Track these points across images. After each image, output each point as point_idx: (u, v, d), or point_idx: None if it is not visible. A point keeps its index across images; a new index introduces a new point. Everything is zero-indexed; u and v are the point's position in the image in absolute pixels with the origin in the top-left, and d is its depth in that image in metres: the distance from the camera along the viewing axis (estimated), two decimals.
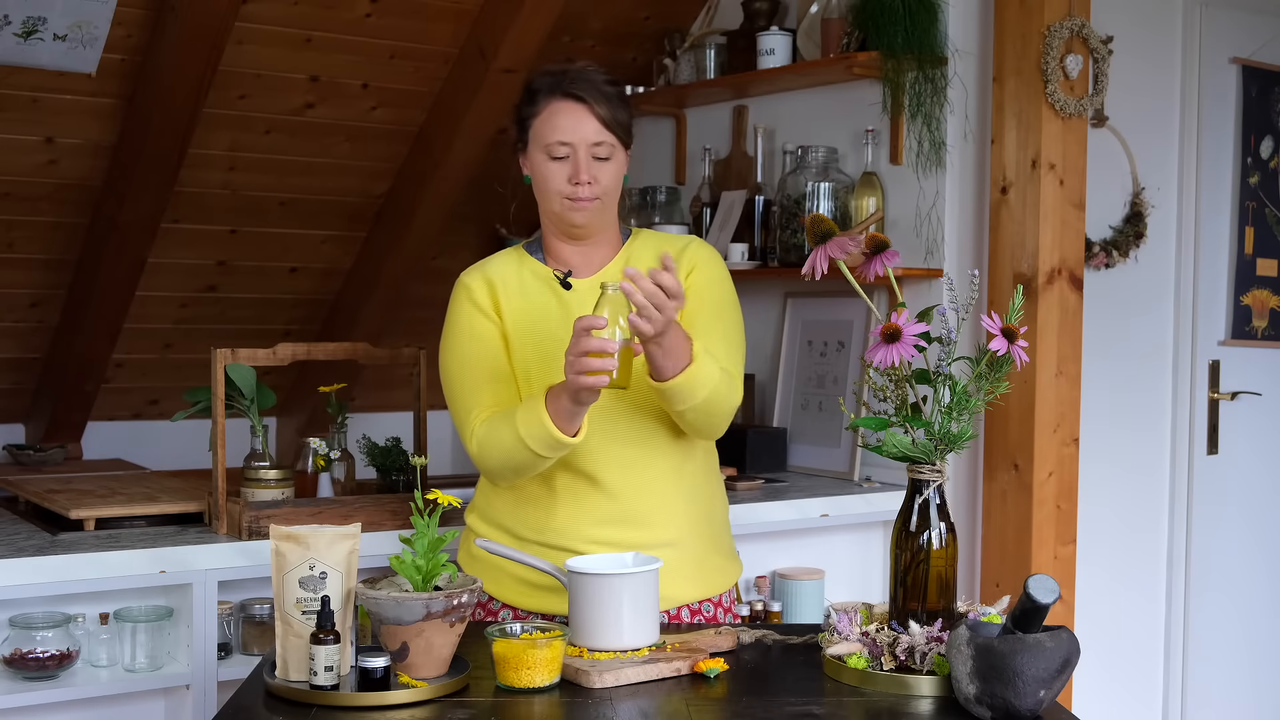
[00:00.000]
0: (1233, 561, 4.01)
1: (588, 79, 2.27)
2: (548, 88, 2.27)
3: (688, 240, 2.39)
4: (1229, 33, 3.90)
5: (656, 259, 2.31)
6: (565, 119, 2.25)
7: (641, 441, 2.28)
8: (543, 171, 2.27)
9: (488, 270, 2.36)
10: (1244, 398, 4.00)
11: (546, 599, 2.28)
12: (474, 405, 2.29)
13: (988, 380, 1.97)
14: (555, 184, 2.26)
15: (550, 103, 2.26)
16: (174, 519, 2.93)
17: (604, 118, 2.25)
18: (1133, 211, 3.74)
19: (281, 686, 1.86)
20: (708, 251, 2.38)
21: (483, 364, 2.30)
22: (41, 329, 4.31)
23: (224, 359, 2.79)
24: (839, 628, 1.99)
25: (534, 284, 2.34)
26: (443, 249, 4.52)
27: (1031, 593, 1.73)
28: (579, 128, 2.24)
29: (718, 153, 4.10)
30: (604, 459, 2.27)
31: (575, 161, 2.25)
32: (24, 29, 3.45)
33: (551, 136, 2.25)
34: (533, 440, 2.16)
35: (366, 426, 3.46)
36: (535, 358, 2.29)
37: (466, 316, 2.32)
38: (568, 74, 2.27)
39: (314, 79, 3.96)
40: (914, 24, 3.42)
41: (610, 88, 2.28)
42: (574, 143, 2.24)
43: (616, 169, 2.29)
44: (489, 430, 2.24)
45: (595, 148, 2.25)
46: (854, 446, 3.60)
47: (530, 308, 2.32)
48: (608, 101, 2.26)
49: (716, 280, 2.35)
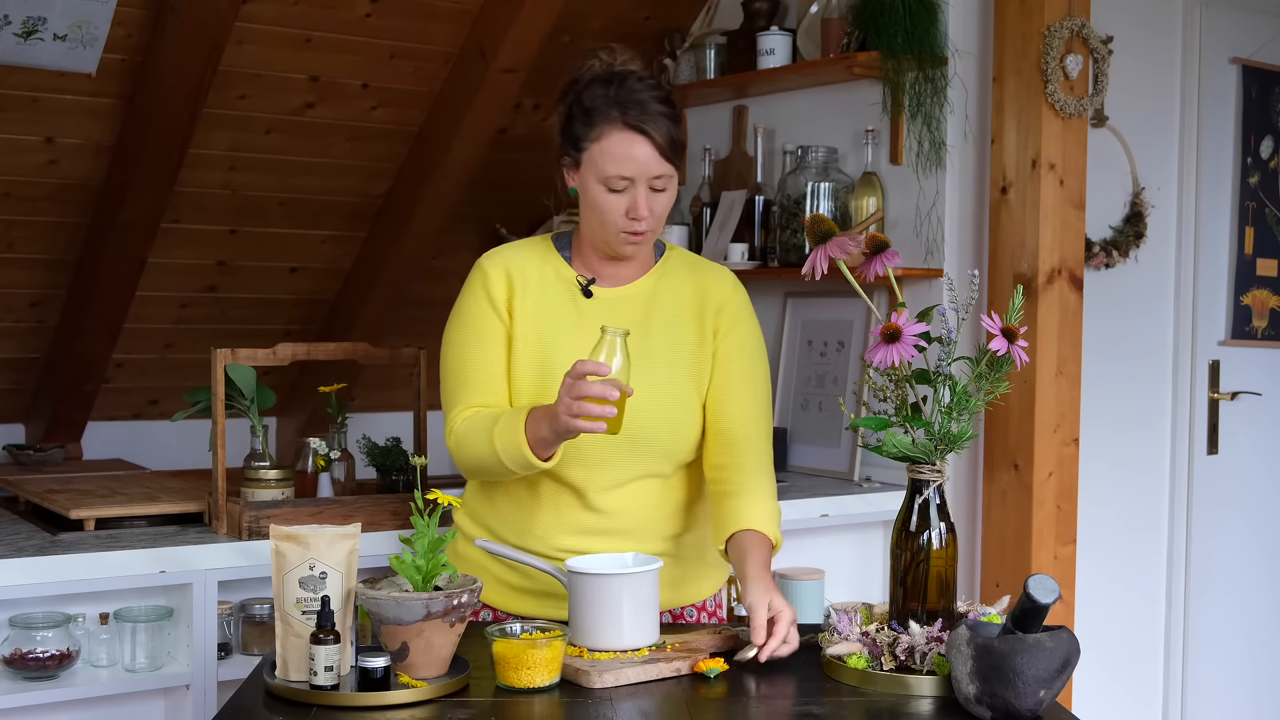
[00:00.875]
0: (1233, 562, 4.01)
1: (645, 105, 2.17)
2: (605, 109, 2.17)
3: (721, 276, 2.34)
4: (1229, 33, 3.90)
5: (691, 284, 2.31)
6: (627, 151, 2.16)
7: (633, 460, 2.23)
8: (598, 201, 2.20)
9: (510, 260, 2.29)
10: (1244, 398, 4.00)
11: (530, 603, 2.27)
12: (460, 400, 2.25)
13: (988, 380, 1.97)
14: (613, 216, 2.19)
15: (611, 131, 2.17)
16: (174, 519, 2.93)
17: (663, 147, 2.17)
18: (1133, 211, 3.74)
19: (281, 686, 1.86)
20: (743, 297, 2.35)
21: (480, 362, 2.25)
22: (41, 329, 4.30)
23: (224, 359, 2.79)
24: (839, 628, 1.99)
25: (554, 284, 2.28)
26: (443, 249, 4.52)
27: (1031, 593, 1.73)
28: (641, 161, 2.17)
29: (718, 153, 4.10)
30: (586, 471, 2.22)
31: (635, 196, 2.18)
32: (24, 29, 3.45)
33: (612, 170, 2.17)
34: (506, 456, 2.14)
35: (366, 426, 3.46)
36: (536, 363, 2.24)
37: (477, 307, 2.27)
38: (626, 96, 2.17)
39: (314, 79, 3.96)
40: (914, 24, 3.42)
41: (664, 107, 2.19)
42: (635, 177, 2.17)
43: (671, 195, 2.23)
44: (467, 430, 2.21)
45: (655, 180, 2.19)
46: (854, 446, 3.60)
47: (545, 309, 2.26)
48: (666, 126, 2.18)
49: (753, 336, 2.35)
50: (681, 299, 2.30)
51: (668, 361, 2.26)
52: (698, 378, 2.28)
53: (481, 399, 2.24)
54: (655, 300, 2.29)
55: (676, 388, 2.25)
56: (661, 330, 2.27)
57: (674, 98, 2.27)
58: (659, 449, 2.24)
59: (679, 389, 2.25)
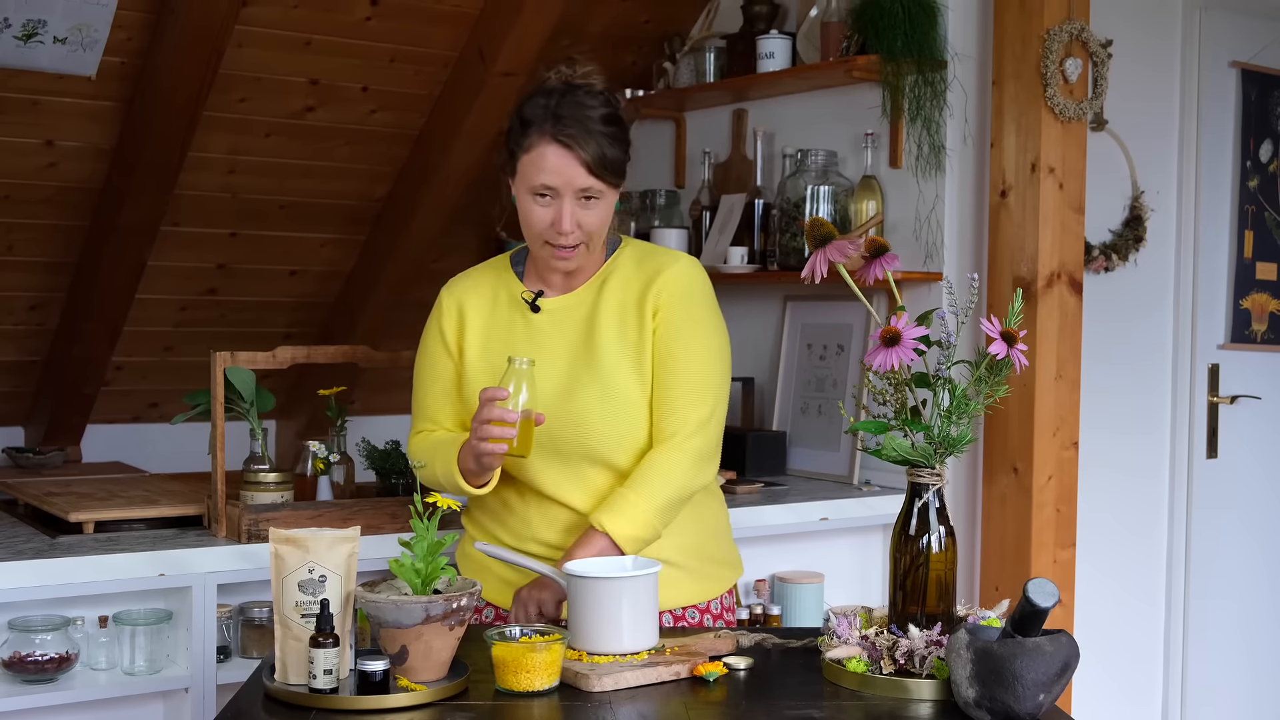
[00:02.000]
0: (1232, 565, 4.01)
1: (581, 117, 2.18)
2: (539, 121, 2.19)
3: (664, 264, 2.31)
4: (1228, 36, 3.90)
5: (639, 278, 2.30)
6: (553, 163, 2.18)
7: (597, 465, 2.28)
8: (526, 209, 2.24)
9: (463, 292, 2.38)
10: (1243, 401, 4.00)
11: None
12: (420, 417, 2.40)
13: (987, 384, 1.97)
14: (538, 226, 2.23)
15: (539, 143, 2.19)
16: (173, 522, 2.93)
17: (592, 164, 2.17)
18: (1132, 215, 3.75)
19: (280, 690, 1.86)
20: (688, 279, 2.30)
21: (431, 394, 2.38)
22: (41, 332, 4.30)
23: (223, 362, 2.79)
24: (838, 631, 1.99)
25: (505, 303, 2.36)
26: (442, 252, 4.52)
27: (1031, 596, 1.73)
28: (565, 173, 2.18)
29: (717, 156, 4.10)
30: (556, 480, 2.28)
31: (559, 208, 2.20)
32: (24, 32, 3.45)
33: (536, 179, 2.20)
34: (446, 482, 2.27)
35: (366, 429, 3.46)
36: (486, 380, 2.29)
37: (432, 342, 2.39)
38: (562, 110, 2.18)
39: (314, 82, 3.96)
40: (913, 27, 3.42)
41: (604, 126, 2.19)
42: (558, 187, 2.19)
43: (604, 210, 2.24)
44: (418, 448, 2.36)
45: (581, 193, 2.20)
46: (853, 450, 3.60)
47: (495, 332, 2.34)
48: (599, 143, 2.18)
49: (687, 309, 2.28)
50: (625, 295, 2.31)
51: (607, 358, 2.27)
52: (640, 368, 2.28)
53: (431, 425, 2.38)
54: (599, 303, 2.31)
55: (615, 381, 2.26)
56: (604, 330, 2.29)
57: (622, 115, 2.26)
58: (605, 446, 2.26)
59: (618, 380, 2.26)
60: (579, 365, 2.27)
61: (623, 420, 2.26)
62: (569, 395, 2.26)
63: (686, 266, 2.32)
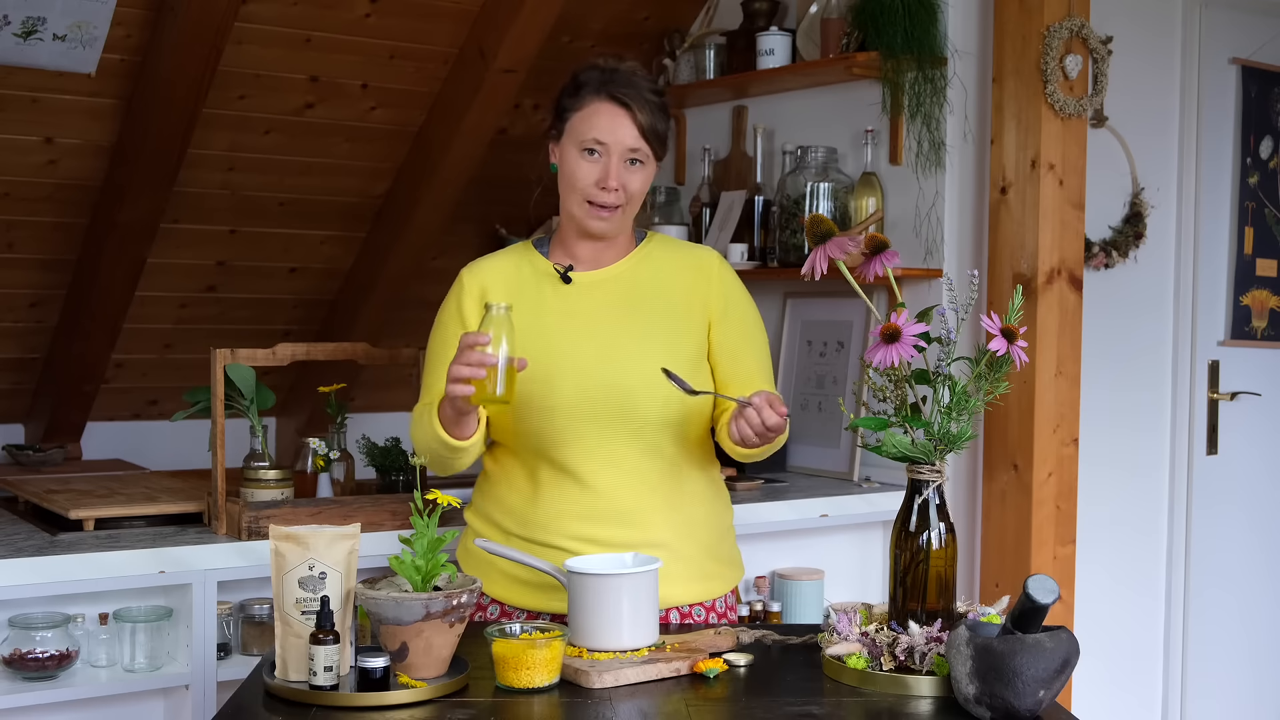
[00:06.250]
0: (1232, 562, 4.01)
1: (634, 84, 2.28)
2: (594, 84, 2.28)
3: (706, 256, 2.40)
4: (1228, 33, 3.90)
5: (683, 263, 2.37)
6: (606, 120, 2.26)
7: (630, 439, 2.27)
8: (572, 166, 2.29)
9: (486, 272, 2.38)
10: (1243, 398, 4.00)
11: (535, 596, 2.29)
12: (427, 391, 2.36)
13: (987, 380, 1.97)
14: (582, 181, 2.28)
15: (594, 101, 2.27)
16: (173, 519, 2.93)
17: (644, 126, 2.27)
18: (1132, 212, 3.75)
19: (281, 687, 1.87)
20: (730, 272, 2.41)
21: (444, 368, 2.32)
22: (41, 329, 4.31)
23: (223, 359, 2.79)
24: (838, 628, 1.99)
25: (531, 279, 2.35)
26: (442, 249, 4.52)
27: (1031, 593, 1.73)
28: (618, 131, 2.26)
29: (717, 153, 4.10)
30: (582, 452, 2.26)
31: (607, 164, 2.26)
32: (23, 29, 3.45)
33: (588, 134, 2.26)
34: (431, 440, 2.26)
35: (366, 426, 3.46)
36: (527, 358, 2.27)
37: (449, 317, 2.37)
38: (617, 74, 2.29)
39: (313, 79, 3.96)
40: (913, 24, 3.42)
41: (654, 97, 2.30)
42: (609, 144, 2.26)
43: (646, 177, 2.31)
44: (417, 415, 2.33)
45: (630, 153, 2.27)
46: (853, 447, 3.60)
47: (523, 307, 2.31)
48: (650, 110, 2.27)
49: (744, 302, 2.40)
50: (665, 277, 2.36)
51: (657, 331, 2.30)
52: (689, 348, 2.31)
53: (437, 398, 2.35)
54: (638, 281, 2.35)
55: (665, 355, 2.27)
56: (647, 307, 2.32)
57: (668, 100, 2.37)
58: (644, 416, 2.26)
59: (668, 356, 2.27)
60: (623, 336, 2.29)
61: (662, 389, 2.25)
62: (609, 361, 2.27)
63: (725, 263, 2.43)
